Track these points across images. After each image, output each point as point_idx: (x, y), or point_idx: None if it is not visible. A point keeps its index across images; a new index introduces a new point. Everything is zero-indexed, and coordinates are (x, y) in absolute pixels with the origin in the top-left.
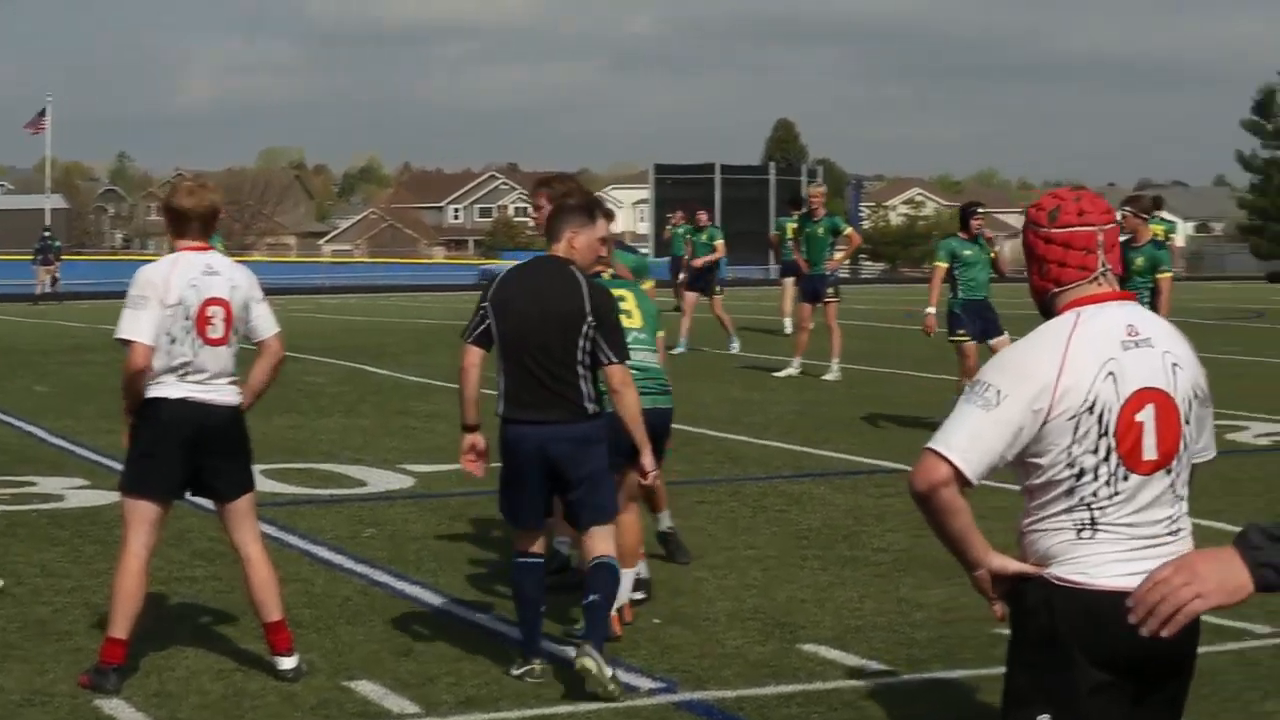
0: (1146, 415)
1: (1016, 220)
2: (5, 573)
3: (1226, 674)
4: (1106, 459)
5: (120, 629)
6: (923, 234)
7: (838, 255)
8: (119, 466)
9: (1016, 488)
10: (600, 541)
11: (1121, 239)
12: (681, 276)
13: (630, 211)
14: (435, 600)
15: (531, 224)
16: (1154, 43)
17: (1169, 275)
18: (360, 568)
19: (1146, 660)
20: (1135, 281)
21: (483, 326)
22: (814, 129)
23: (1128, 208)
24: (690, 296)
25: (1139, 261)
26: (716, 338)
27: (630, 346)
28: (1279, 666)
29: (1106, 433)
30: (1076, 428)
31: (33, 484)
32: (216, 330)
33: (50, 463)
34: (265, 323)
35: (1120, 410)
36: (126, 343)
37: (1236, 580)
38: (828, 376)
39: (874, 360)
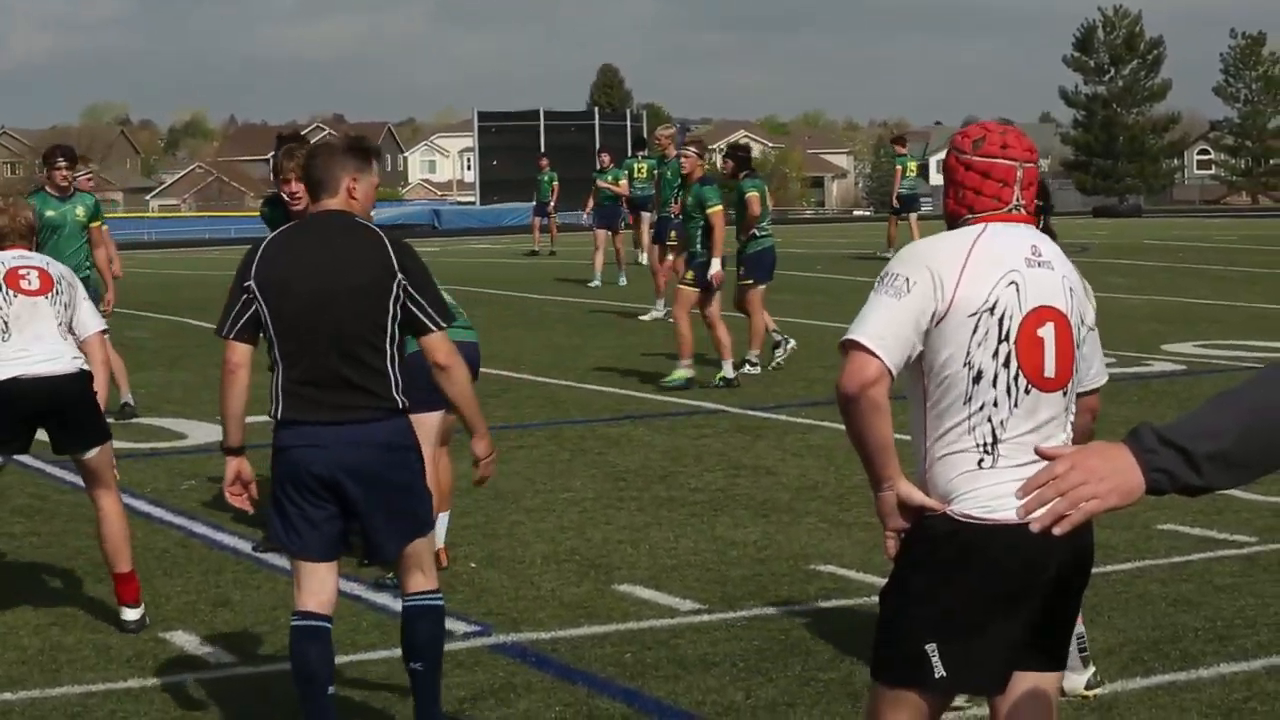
0: (1047, 333)
1: (843, 161)
2: None
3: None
4: (1006, 365)
5: None
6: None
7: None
8: None
9: None
10: (415, 569)
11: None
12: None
13: (456, 159)
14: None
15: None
16: None
17: (718, 209)
18: (179, 520)
19: (1052, 583)
20: (691, 217)
21: (248, 314)
22: (639, 74)
23: (691, 148)
24: (601, 234)
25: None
26: (537, 286)
27: None
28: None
29: (1007, 338)
30: (976, 327)
31: None
32: (31, 283)
33: None
34: (87, 322)
35: (1023, 321)
36: None
37: (1132, 482)
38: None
39: None
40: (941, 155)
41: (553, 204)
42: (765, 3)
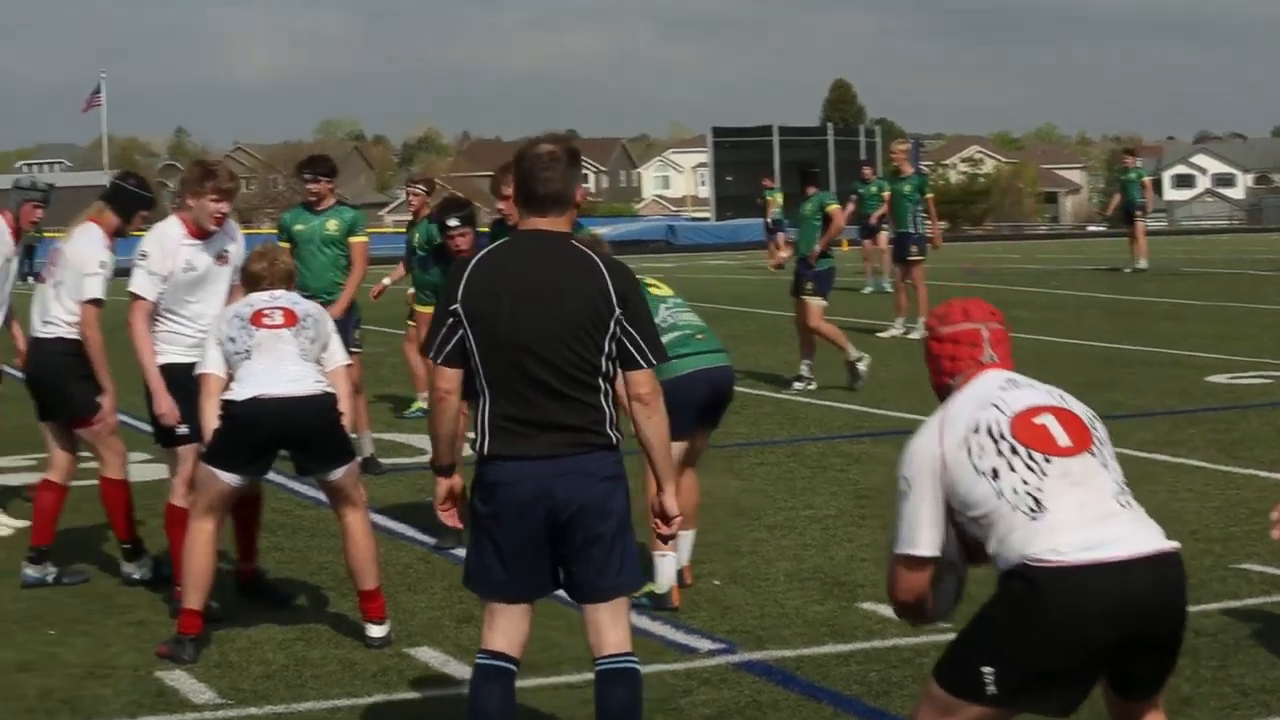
0: (1046, 419)
1: (1076, 176)
2: (69, 549)
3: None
4: (1014, 452)
5: (195, 600)
6: (982, 191)
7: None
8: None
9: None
10: (613, 626)
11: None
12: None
13: (690, 175)
14: None
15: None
16: None
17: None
18: (422, 535)
19: (1126, 631)
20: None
21: (455, 338)
22: (871, 89)
23: (420, 185)
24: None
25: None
26: (774, 301)
27: (676, 309)
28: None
29: (1003, 436)
30: (969, 450)
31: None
32: (275, 319)
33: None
34: (335, 354)
35: (1013, 420)
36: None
37: None
38: (915, 335)
39: None
40: (1175, 170)
41: (770, 220)
42: (998, 14)
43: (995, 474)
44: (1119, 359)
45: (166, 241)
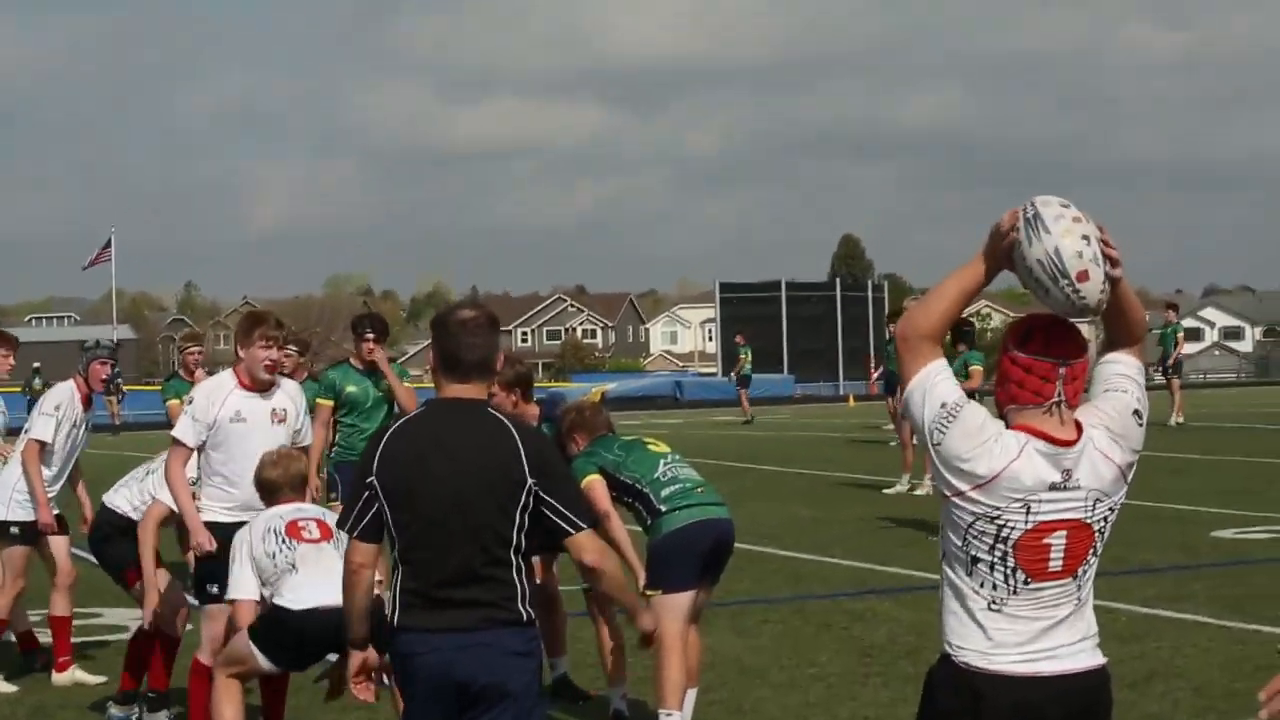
0: (1056, 539)
1: (1085, 330)
2: (66, 704)
3: None
4: (1003, 561)
5: None
6: (991, 347)
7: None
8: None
9: None
10: None
11: None
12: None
13: (698, 330)
14: None
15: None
16: (1208, 146)
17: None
18: None
19: None
20: None
21: (371, 512)
22: (879, 243)
23: (292, 347)
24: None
25: None
26: (779, 457)
27: (674, 464)
28: None
29: (1005, 542)
30: (974, 523)
31: (99, 615)
32: (312, 533)
33: (118, 594)
34: None
35: (1025, 534)
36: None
37: None
38: (921, 492)
39: None
40: (1183, 323)
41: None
42: (1001, 169)
43: (975, 560)
44: (1122, 513)
45: (215, 390)
